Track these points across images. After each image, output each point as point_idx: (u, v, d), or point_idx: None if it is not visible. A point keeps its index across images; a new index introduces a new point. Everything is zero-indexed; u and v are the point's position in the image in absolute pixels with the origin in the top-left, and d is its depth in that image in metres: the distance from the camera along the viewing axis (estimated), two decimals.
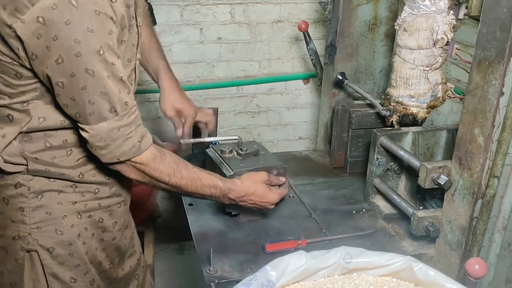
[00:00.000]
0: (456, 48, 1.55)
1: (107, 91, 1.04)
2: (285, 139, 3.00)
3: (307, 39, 2.12)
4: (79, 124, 1.08)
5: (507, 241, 1.29)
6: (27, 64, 1.04)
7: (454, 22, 1.46)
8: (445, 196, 1.29)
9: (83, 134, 1.08)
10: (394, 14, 1.85)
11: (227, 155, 1.50)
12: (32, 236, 1.19)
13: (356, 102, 1.86)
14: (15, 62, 1.05)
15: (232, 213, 1.46)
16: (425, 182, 1.28)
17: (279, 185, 1.43)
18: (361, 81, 1.96)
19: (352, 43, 1.89)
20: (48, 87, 1.08)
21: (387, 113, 1.62)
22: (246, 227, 1.47)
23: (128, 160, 1.12)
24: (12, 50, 1.03)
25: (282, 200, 1.46)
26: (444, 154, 1.55)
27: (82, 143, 1.16)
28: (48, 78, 1.04)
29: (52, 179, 1.18)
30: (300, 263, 0.81)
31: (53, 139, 1.15)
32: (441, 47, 1.50)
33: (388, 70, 1.81)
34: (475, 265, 1.00)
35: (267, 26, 2.71)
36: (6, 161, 1.14)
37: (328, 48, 1.93)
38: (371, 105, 1.78)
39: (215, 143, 1.59)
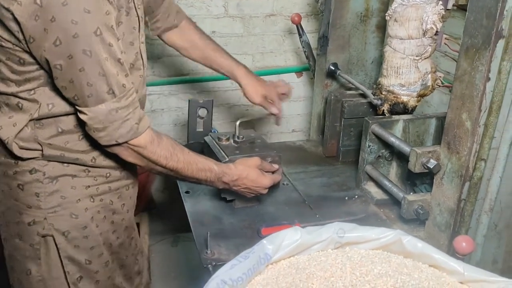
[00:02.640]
0: (445, 38, 1.59)
1: (105, 73, 1.05)
2: (279, 131, 3.03)
3: (300, 31, 2.15)
4: (77, 107, 1.10)
5: (493, 223, 1.34)
6: (27, 48, 1.05)
7: (443, 12, 1.50)
8: (434, 180, 1.33)
9: (82, 116, 1.09)
10: (385, 6, 1.89)
11: (223, 143, 1.53)
12: (47, 221, 1.21)
13: (348, 92, 1.90)
14: (17, 48, 1.07)
15: (227, 199, 1.50)
16: (415, 166, 1.32)
17: (272, 172, 1.47)
18: (353, 72, 2.00)
19: (344, 35, 1.93)
20: (47, 71, 1.09)
21: (379, 102, 1.66)
22: (242, 213, 1.51)
23: (126, 142, 1.13)
24: (12, 34, 1.04)
25: (275, 186, 1.50)
26: (433, 141, 1.59)
27: None
28: (47, 61, 1.05)
29: (66, 164, 1.20)
30: (295, 238, 0.84)
31: (63, 124, 1.17)
32: (431, 37, 1.54)
33: (380, 61, 1.85)
34: (462, 243, 1.04)
35: (260, 19, 2.73)
36: (21, 147, 1.16)
37: (320, 39, 1.97)
38: (363, 95, 1.83)
39: (214, 131, 1.64)
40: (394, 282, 0.79)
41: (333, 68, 1.91)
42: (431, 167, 1.29)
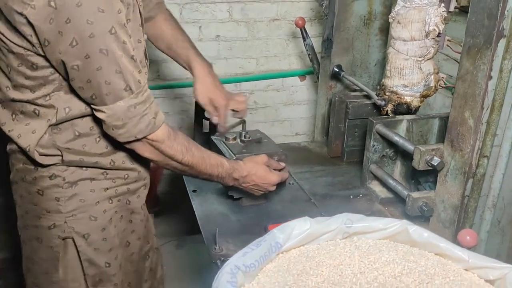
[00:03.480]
0: (448, 40, 1.62)
1: (121, 70, 1.06)
2: (282, 134, 3.06)
3: (304, 34, 2.19)
4: (94, 106, 1.11)
5: (497, 219, 1.36)
6: (41, 52, 1.06)
7: (445, 14, 1.54)
8: (438, 177, 1.36)
9: (100, 115, 1.11)
10: (388, 9, 1.93)
11: (230, 142, 1.57)
12: (67, 224, 1.23)
13: (353, 93, 1.94)
14: (29, 52, 1.07)
15: (235, 197, 1.53)
16: (419, 164, 1.35)
17: (280, 170, 1.50)
18: (357, 74, 2.03)
19: (348, 37, 1.97)
20: (62, 74, 1.10)
21: (382, 103, 1.70)
22: (249, 211, 1.54)
23: (145, 137, 1.15)
24: (25, 38, 1.05)
25: (282, 184, 1.53)
26: (437, 140, 1.62)
27: None
28: (62, 63, 1.05)
29: (85, 168, 1.22)
30: (305, 228, 0.87)
31: (79, 127, 1.18)
32: (433, 38, 1.57)
33: (383, 63, 1.89)
34: (466, 236, 1.06)
35: (264, 24, 2.78)
36: (41, 154, 1.17)
37: (324, 42, 2.00)
38: (367, 96, 1.86)
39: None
40: (401, 269, 0.82)
41: (337, 70, 1.94)
42: (435, 164, 1.32)
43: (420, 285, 0.78)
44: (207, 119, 1.77)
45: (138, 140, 1.15)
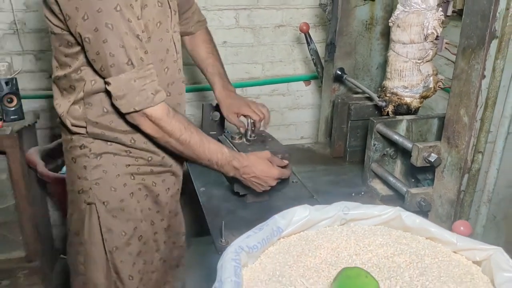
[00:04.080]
0: (446, 43, 1.68)
1: (124, 45, 1.17)
2: (288, 138, 3.12)
3: (308, 39, 2.25)
4: (105, 80, 1.22)
5: (492, 214, 1.41)
6: (68, 28, 1.19)
7: (443, 18, 1.60)
8: (435, 173, 1.42)
9: (108, 87, 1.22)
10: (389, 14, 1.98)
11: (236, 141, 1.63)
12: (92, 190, 1.36)
13: (355, 95, 2.00)
14: (65, 31, 1.22)
15: (240, 194, 1.59)
16: (417, 160, 1.41)
17: (283, 167, 1.55)
18: (359, 77, 2.09)
19: (351, 42, 2.03)
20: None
21: (383, 104, 1.75)
22: (253, 207, 1.60)
23: (143, 110, 1.23)
24: (57, 17, 1.20)
25: (285, 182, 1.59)
26: (435, 139, 1.67)
27: None
28: (80, 36, 1.18)
29: (109, 143, 1.34)
30: (304, 214, 0.93)
31: (107, 104, 1.29)
32: (432, 41, 1.63)
33: (384, 66, 1.94)
34: (460, 227, 1.12)
35: (270, 30, 2.85)
36: (72, 124, 1.32)
37: (328, 46, 2.07)
38: (369, 98, 1.92)
39: (227, 132, 1.74)
40: (394, 250, 0.87)
41: (340, 73, 2.01)
42: (432, 160, 1.37)
43: (411, 264, 0.84)
44: (215, 120, 1.86)
45: (137, 112, 1.23)
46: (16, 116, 2.44)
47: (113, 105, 1.26)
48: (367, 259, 0.86)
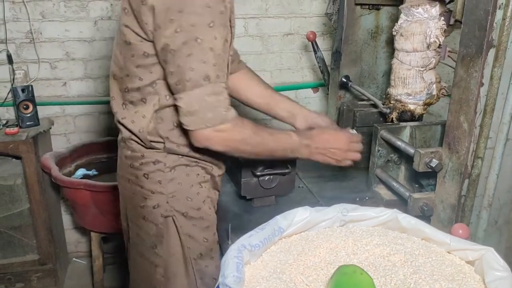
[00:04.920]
0: (449, 51, 1.72)
1: (206, 60, 1.17)
2: None
3: (315, 48, 2.30)
4: (175, 96, 1.22)
5: (493, 219, 1.44)
6: (151, 37, 1.21)
7: (445, 27, 1.64)
8: (437, 179, 1.45)
9: (178, 102, 1.21)
10: (394, 23, 2.03)
11: None
12: (169, 204, 1.38)
13: (360, 102, 2.04)
14: (144, 40, 1.23)
15: (247, 198, 1.63)
16: (419, 166, 1.44)
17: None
18: (365, 85, 2.13)
19: (356, 50, 2.08)
20: (161, 60, 1.23)
21: (388, 111, 1.79)
22: (260, 211, 1.64)
23: (215, 127, 1.22)
24: (141, 28, 1.21)
25: (291, 187, 1.63)
26: (439, 146, 1.70)
27: None
28: (162, 49, 1.19)
29: (180, 156, 1.36)
30: (305, 215, 0.98)
31: (176, 119, 1.30)
32: (434, 50, 1.67)
33: (390, 74, 1.99)
34: (459, 230, 1.15)
35: (278, 38, 2.91)
36: (151, 141, 1.33)
37: (334, 54, 2.11)
38: (374, 105, 1.96)
39: None
40: (390, 250, 0.91)
41: (345, 80, 2.05)
42: (434, 166, 1.41)
43: (405, 263, 0.88)
44: None
45: (207, 128, 1.22)
46: (31, 122, 2.52)
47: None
48: (364, 258, 0.90)
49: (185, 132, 1.30)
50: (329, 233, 0.97)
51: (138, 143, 1.36)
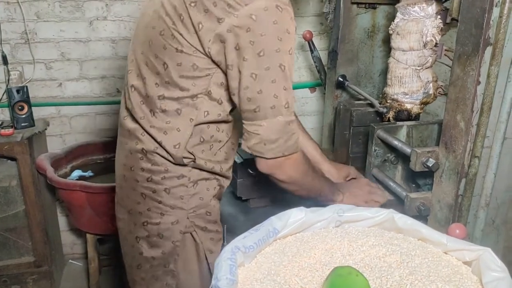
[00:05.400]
0: (445, 50, 1.71)
1: (287, 87, 1.16)
2: None
3: (312, 47, 2.29)
4: (249, 122, 1.18)
5: (491, 218, 1.43)
6: (208, 52, 1.15)
7: (442, 26, 1.63)
8: (434, 178, 1.44)
9: (255, 129, 1.17)
10: (391, 22, 2.02)
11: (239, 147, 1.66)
12: (189, 219, 1.34)
13: (357, 102, 2.03)
14: (199, 53, 1.17)
15: (243, 198, 1.62)
16: (415, 165, 1.43)
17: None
18: (361, 84, 2.12)
19: (353, 49, 2.06)
20: (232, 80, 1.18)
21: (384, 110, 1.78)
22: (256, 212, 1.63)
23: (290, 154, 1.22)
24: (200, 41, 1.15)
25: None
26: (436, 145, 1.69)
27: (221, 138, 1.31)
28: (239, 71, 1.14)
29: (203, 170, 1.32)
30: (300, 216, 0.96)
31: (205, 134, 1.28)
32: (431, 48, 1.66)
33: (386, 73, 1.98)
34: (456, 230, 1.14)
35: None
36: (183, 157, 1.28)
37: (330, 53, 2.10)
38: (370, 105, 1.95)
39: None
40: (386, 251, 0.90)
41: (342, 80, 2.04)
42: (430, 165, 1.40)
43: (401, 264, 0.87)
44: None
45: (284, 156, 1.21)
46: (26, 123, 2.51)
47: (214, 137, 1.28)
48: (360, 259, 0.89)
49: (209, 147, 1.29)
50: (325, 234, 0.96)
51: (163, 157, 1.29)
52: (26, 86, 2.53)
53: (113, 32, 2.68)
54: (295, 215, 0.96)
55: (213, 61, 1.19)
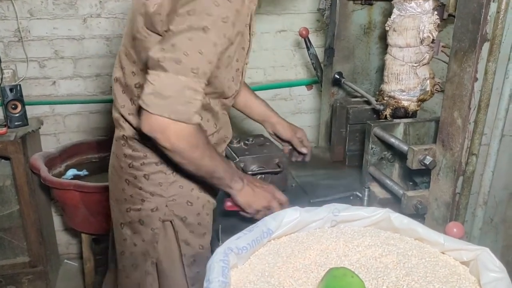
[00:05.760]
0: (442, 46, 1.69)
1: (203, 53, 1.10)
2: None
3: (308, 44, 2.27)
4: (151, 71, 1.11)
5: (489, 217, 1.41)
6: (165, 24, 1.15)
7: (439, 22, 1.61)
8: (431, 176, 1.42)
9: (151, 79, 1.11)
10: (387, 18, 2.00)
11: (234, 145, 1.64)
12: (168, 207, 1.34)
13: (353, 99, 2.01)
14: (158, 35, 1.17)
15: None
16: (412, 163, 1.41)
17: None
18: (358, 81, 2.10)
19: (349, 46, 2.05)
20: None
21: (381, 107, 1.76)
22: None
23: (176, 121, 1.12)
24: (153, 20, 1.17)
25: (283, 185, 1.60)
26: (433, 143, 1.67)
27: (207, 127, 1.31)
28: (169, 28, 1.12)
29: None
30: (295, 216, 0.94)
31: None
32: (428, 45, 1.64)
33: (383, 70, 1.96)
34: (453, 228, 1.12)
35: (271, 35, 2.87)
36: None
37: (326, 50, 2.08)
38: (367, 102, 1.93)
39: None
40: (382, 251, 0.88)
41: (338, 77, 2.02)
42: (427, 163, 1.38)
43: (398, 265, 0.85)
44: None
45: (168, 119, 1.11)
46: (20, 122, 2.48)
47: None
48: (355, 260, 0.87)
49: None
50: (320, 234, 0.94)
51: (142, 143, 1.31)
52: (20, 85, 2.51)
53: (107, 29, 2.65)
54: (290, 215, 0.94)
55: None
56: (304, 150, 1.81)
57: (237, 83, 1.36)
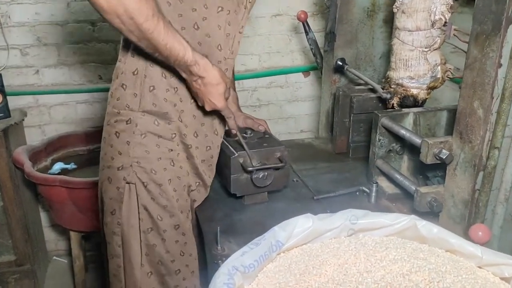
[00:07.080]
0: (454, 29, 1.57)
1: None
2: (287, 132, 3.02)
3: (307, 28, 2.14)
4: None
5: (510, 214, 1.31)
6: None
7: (452, 3, 1.49)
8: (447, 171, 1.31)
9: None
10: (392, 1, 1.87)
11: (232, 138, 1.52)
12: (132, 168, 1.32)
13: (357, 87, 1.89)
14: None
15: (237, 195, 1.48)
16: (426, 157, 1.30)
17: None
18: (361, 67, 1.98)
19: (351, 30, 1.92)
20: None
21: (388, 96, 1.65)
22: (251, 209, 1.49)
23: None
24: None
25: (285, 181, 1.49)
26: (445, 133, 1.56)
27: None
28: None
29: (156, 122, 1.31)
30: (307, 225, 0.83)
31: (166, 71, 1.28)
32: (439, 28, 1.52)
33: (388, 56, 1.83)
34: (478, 232, 1.02)
35: (266, 19, 2.73)
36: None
37: (327, 35, 1.96)
38: (372, 90, 1.81)
39: None
40: (410, 267, 0.77)
41: (341, 64, 1.90)
42: (444, 157, 1.27)
43: (431, 284, 0.73)
44: None
45: None
46: (1, 114, 2.36)
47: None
48: (380, 277, 0.76)
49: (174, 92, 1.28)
50: (336, 246, 0.82)
51: (120, 99, 1.31)
52: (0, 74, 2.35)
53: (93, 13, 2.49)
54: (301, 224, 0.82)
55: None
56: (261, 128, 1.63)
57: (227, 50, 1.36)
